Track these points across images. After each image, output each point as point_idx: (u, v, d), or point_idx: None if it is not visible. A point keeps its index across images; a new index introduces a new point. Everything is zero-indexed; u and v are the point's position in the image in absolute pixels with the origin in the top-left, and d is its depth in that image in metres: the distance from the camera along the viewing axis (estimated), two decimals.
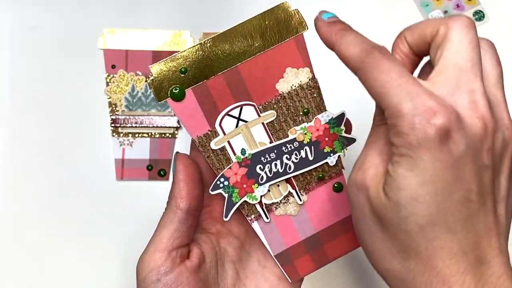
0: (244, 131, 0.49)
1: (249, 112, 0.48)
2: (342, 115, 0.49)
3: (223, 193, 0.49)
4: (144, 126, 0.79)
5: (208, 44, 0.47)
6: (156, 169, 0.79)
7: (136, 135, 0.79)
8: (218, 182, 0.49)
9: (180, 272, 0.47)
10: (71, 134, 0.79)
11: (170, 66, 0.47)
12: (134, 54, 0.80)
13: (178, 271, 0.47)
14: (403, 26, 0.81)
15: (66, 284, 0.78)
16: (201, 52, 0.47)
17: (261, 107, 0.48)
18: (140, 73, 0.80)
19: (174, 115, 0.79)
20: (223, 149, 0.49)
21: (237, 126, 0.49)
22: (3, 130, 0.79)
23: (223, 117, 0.48)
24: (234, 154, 0.49)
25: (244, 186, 0.49)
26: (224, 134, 0.48)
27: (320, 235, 0.51)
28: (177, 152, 0.50)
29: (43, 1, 0.82)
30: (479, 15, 0.80)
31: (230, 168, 0.49)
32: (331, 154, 0.49)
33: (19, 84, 0.80)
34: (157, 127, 0.79)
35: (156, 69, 0.47)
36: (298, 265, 0.52)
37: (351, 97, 0.80)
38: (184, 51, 0.47)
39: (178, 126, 0.79)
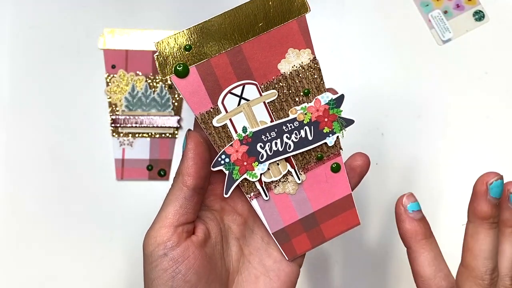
0: (246, 110, 0.50)
1: (251, 91, 0.50)
2: (342, 96, 0.50)
3: (223, 169, 0.50)
4: (144, 126, 0.79)
5: (212, 23, 0.48)
6: (156, 169, 0.80)
7: (136, 135, 0.80)
8: (219, 159, 0.50)
9: (187, 246, 0.47)
10: (71, 134, 0.80)
11: (175, 43, 0.48)
12: (134, 54, 0.81)
13: (184, 246, 0.47)
14: (403, 26, 0.83)
15: (66, 283, 0.78)
16: (205, 30, 0.48)
17: (263, 86, 0.49)
18: (140, 73, 0.81)
19: (179, 93, 0.80)
20: (224, 126, 0.50)
21: (239, 104, 0.50)
22: (3, 130, 0.80)
23: (225, 95, 0.49)
24: (236, 131, 0.50)
25: (245, 163, 0.50)
26: (226, 111, 0.49)
27: (317, 214, 0.52)
28: (189, 130, 0.50)
29: (43, 0, 0.82)
30: (479, 15, 0.81)
31: (231, 145, 0.50)
32: (330, 135, 0.50)
33: (19, 83, 0.81)
34: (157, 127, 0.80)
35: (161, 45, 0.48)
36: (296, 243, 0.53)
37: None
38: (189, 28, 0.48)
39: (178, 126, 0.80)
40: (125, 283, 0.78)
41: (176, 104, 0.80)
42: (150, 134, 0.80)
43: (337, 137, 0.51)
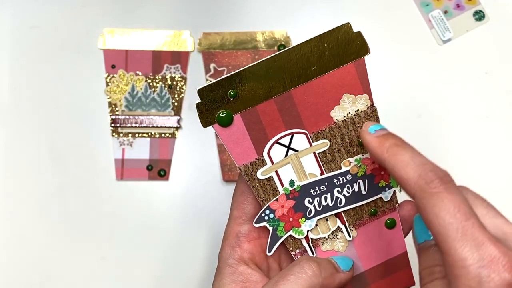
0: (293, 161, 0.45)
1: (300, 141, 0.45)
2: None
3: (267, 226, 0.45)
4: (144, 126, 0.78)
5: (260, 66, 0.43)
6: (156, 169, 0.78)
7: (136, 135, 0.78)
8: (263, 215, 0.45)
9: None
10: (71, 134, 0.78)
11: (219, 89, 0.43)
12: (134, 54, 0.79)
13: None
14: (403, 26, 0.80)
15: (66, 283, 0.76)
16: (252, 75, 0.43)
17: (313, 135, 0.45)
18: (140, 73, 0.79)
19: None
20: (270, 179, 0.45)
21: (286, 155, 0.45)
22: (3, 130, 0.78)
23: (272, 145, 0.44)
24: (282, 185, 0.45)
25: (291, 219, 0.45)
26: (272, 163, 0.45)
27: (368, 273, 0.48)
28: None
29: (43, 0, 0.80)
30: (479, 15, 0.80)
31: (276, 200, 0.45)
32: (386, 189, 0.46)
33: (19, 83, 0.79)
34: (157, 127, 0.78)
35: (203, 91, 0.43)
36: None
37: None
38: (236, 72, 0.43)
39: (178, 126, 0.78)
40: (125, 283, 0.77)
41: (176, 104, 0.79)
42: (150, 134, 0.79)
43: (394, 191, 0.46)
